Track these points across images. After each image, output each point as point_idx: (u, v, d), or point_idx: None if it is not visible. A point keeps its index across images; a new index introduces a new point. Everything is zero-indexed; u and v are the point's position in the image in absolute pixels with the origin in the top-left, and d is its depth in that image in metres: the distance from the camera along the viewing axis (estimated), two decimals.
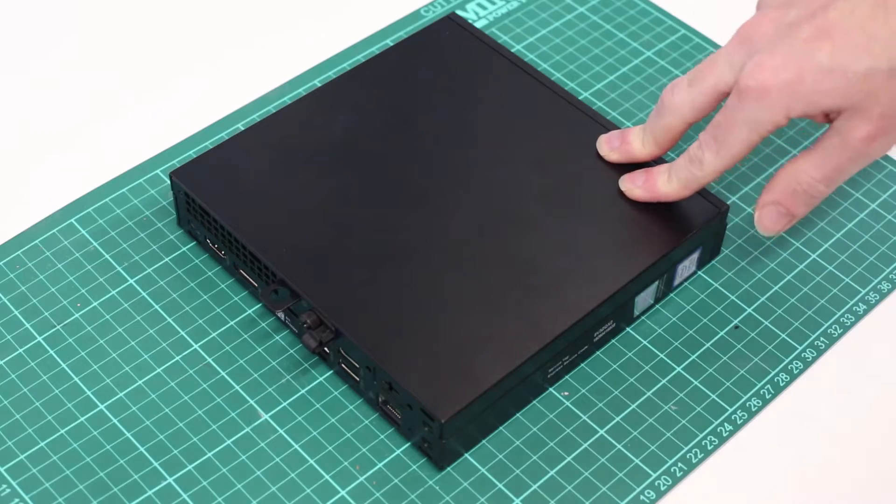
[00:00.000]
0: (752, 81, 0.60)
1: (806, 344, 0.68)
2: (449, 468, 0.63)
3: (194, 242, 0.71)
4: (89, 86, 0.79)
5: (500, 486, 0.62)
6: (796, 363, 0.67)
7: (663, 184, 0.66)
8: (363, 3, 0.84)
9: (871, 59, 0.58)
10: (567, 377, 0.66)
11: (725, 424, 0.64)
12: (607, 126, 0.71)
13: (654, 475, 0.63)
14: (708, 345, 0.68)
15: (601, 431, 0.64)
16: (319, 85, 0.78)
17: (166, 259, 0.70)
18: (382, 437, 0.63)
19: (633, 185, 0.67)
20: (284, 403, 0.65)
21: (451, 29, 0.76)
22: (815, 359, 0.67)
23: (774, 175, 0.64)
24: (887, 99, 0.59)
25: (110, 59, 0.81)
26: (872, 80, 0.58)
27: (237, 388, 0.65)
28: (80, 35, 0.83)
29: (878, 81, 0.58)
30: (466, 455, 0.63)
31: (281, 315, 0.67)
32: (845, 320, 0.69)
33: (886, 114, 0.59)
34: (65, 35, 0.82)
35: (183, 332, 0.67)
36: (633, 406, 0.65)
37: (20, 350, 0.66)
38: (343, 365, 0.64)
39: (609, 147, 0.69)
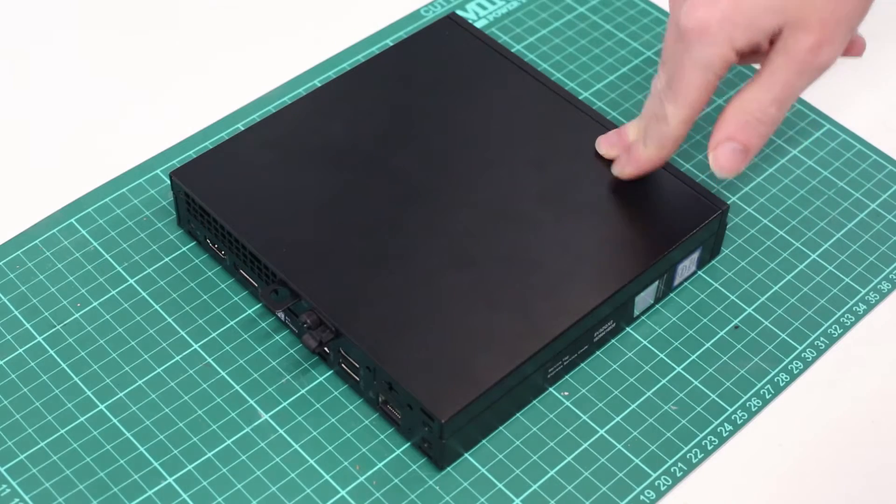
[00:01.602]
0: (690, 21, 0.59)
1: (806, 344, 0.68)
2: (449, 468, 0.63)
3: (194, 242, 0.71)
4: (89, 85, 0.79)
5: (500, 486, 0.62)
6: (796, 363, 0.67)
7: (641, 150, 0.66)
8: (363, 3, 0.84)
9: None
10: (567, 377, 0.66)
11: (725, 424, 0.64)
12: (607, 126, 0.71)
13: (654, 475, 0.63)
14: (708, 345, 0.68)
15: (601, 431, 0.64)
16: (319, 85, 0.78)
17: (166, 259, 0.70)
18: (382, 437, 0.63)
19: (621, 166, 0.67)
20: (284, 403, 0.64)
21: (451, 29, 0.76)
22: (815, 359, 0.67)
23: (721, 113, 0.63)
24: (823, 3, 0.58)
25: (110, 58, 0.81)
26: None
27: (237, 388, 0.65)
28: (81, 35, 0.82)
29: None
30: (466, 455, 0.63)
31: (281, 315, 0.67)
32: (845, 320, 0.69)
33: (826, 19, 0.58)
34: (65, 35, 0.82)
35: (183, 332, 0.67)
36: (633, 406, 0.65)
37: (20, 350, 0.66)
38: (343, 365, 0.64)
39: (608, 144, 0.69)
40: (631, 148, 0.67)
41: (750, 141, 0.62)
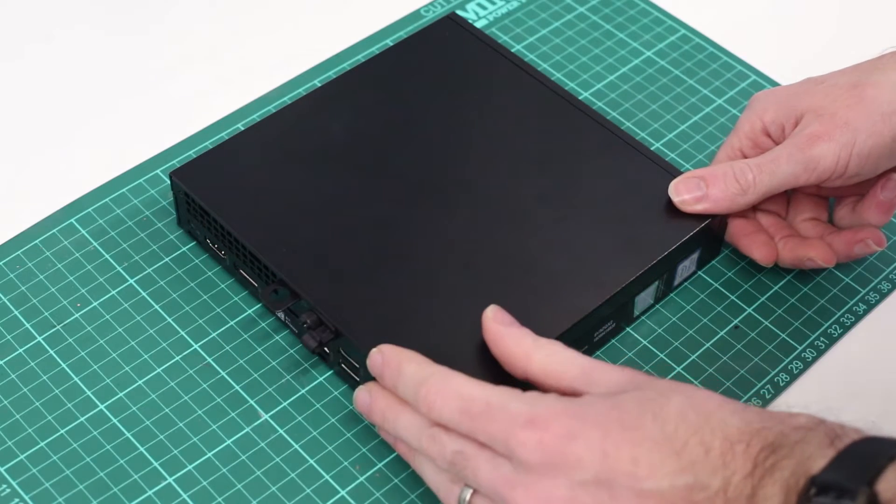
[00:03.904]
0: None
1: (806, 344, 0.68)
2: None
3: (194, 242, 0.71)
4: (89, 85, 0.79)
5: None
6: (796, 363, 0.67)
7: None
8: (363, 3, 0.84)
9: None
10: None
11: None
12: (607, 126, 0.71)
13: None
14: (708, 345, 0.68)
15: None
16: (319, 85, 0.78)
17: (166, 259, 0.70)
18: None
19: None
20: (284, 403, 0.64)
21: (451, 29, 0.76)
22: (815, 359, 0.67)
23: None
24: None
25: (110, 58, 0.81)
26: None
27: (237, 388, 0.65)
28: (80, 34, 0.82)
29: None
30: None
31: (281, 315, 0.67)
32: (845, 320, 0.69)
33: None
34: (64, 33, 0.82)
35: (183, 332, 0.67)
36: None
37: (20, 350, 0.66)
38: (343, 365, 0.64)
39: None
40: None
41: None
